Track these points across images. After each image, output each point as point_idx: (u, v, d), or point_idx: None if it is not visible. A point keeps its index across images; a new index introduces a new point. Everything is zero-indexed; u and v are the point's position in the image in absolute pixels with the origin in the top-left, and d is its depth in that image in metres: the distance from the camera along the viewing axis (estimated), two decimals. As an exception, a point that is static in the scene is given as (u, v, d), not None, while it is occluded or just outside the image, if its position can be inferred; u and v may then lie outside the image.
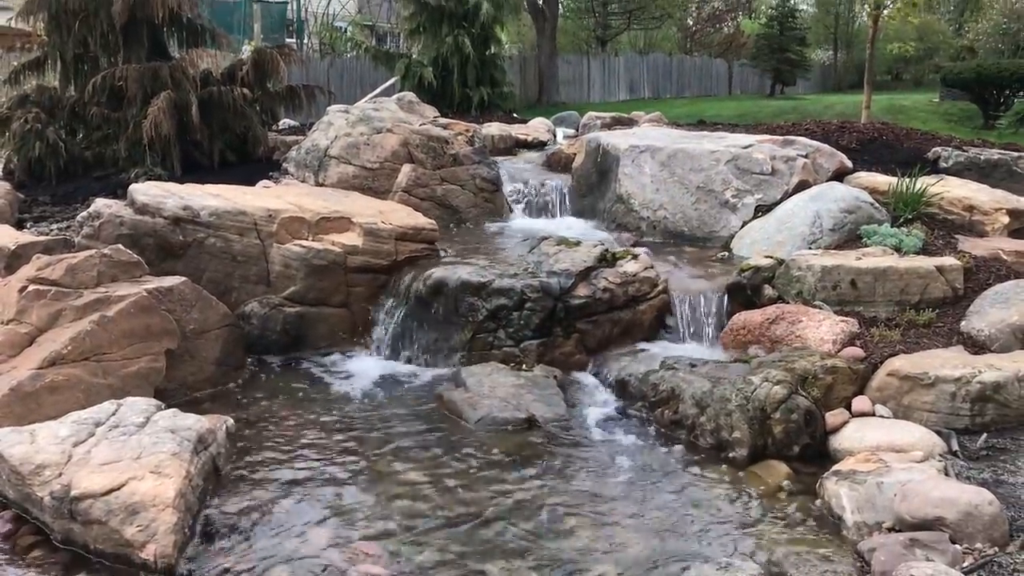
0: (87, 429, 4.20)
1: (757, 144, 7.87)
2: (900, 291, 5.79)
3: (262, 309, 6.15)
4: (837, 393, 4.90)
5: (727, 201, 7.42)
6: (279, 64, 9.59)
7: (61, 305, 5.20)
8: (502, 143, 10.03)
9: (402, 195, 7.97)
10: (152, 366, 5.27)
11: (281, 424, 5.08)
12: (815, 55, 36.88)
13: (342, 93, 16.16)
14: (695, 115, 17.02)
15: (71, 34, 9.03)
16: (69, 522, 3.76)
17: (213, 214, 6.22)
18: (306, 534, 3.89)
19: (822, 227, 6.69)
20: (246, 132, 9.35)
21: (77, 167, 9.00)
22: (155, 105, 8.43)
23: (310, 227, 6.41)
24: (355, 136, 8.44)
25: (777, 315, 5.65)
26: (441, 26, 14.10)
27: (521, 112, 15.54)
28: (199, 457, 4.19)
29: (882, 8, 11.30)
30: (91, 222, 6.24)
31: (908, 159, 8.26)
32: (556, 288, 5.86)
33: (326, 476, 4.43)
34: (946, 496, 3.70)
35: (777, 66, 29.01)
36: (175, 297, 5.53)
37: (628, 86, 29.21)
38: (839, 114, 18.39)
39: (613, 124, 10.87)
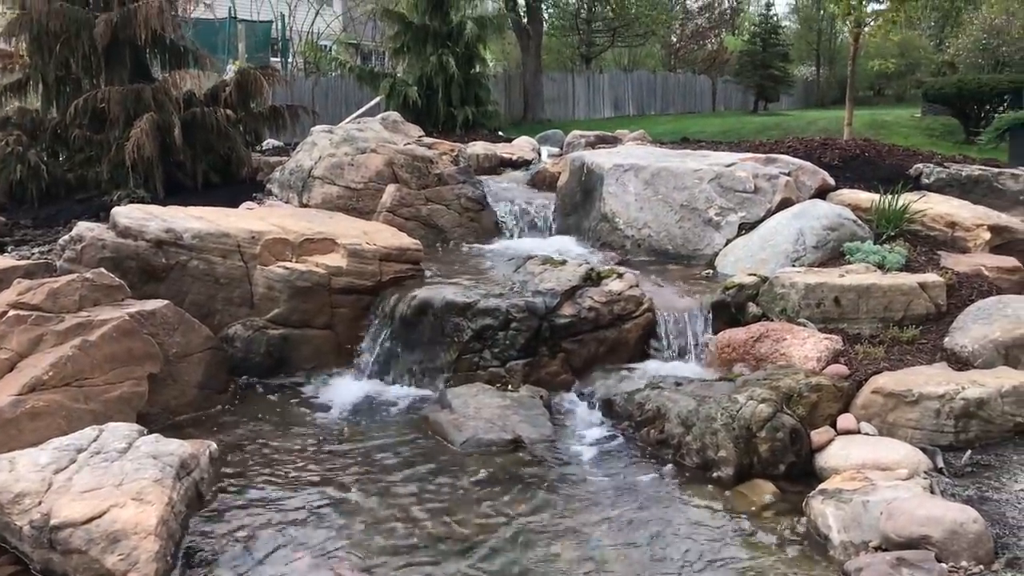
0: (68, 456, 4.16)
1: (740, 162, 7.91)
2: (884, 308, 5.81)
3: (246, 331, 6.11)
4: (822, 411, 4.90)
5: (711, 219, 7.44)
6: (262, 85, 9.60)
7: (42, 330, 5.16)
8: (487, 162, 10.04)
9: (387, 215, 7.97)
10: (134, 391, 5.22)
11: (265, 448, 5.04)
12: (798, 71, 37.21)
13: (327, 112, 16.17)
14: (679, 132, 17.11)
15: (53, 56, 9.02)
16: (49, 552, 3.72)
17: (196, 236, 6.20)
18: (290, 559, 3.85)
19: (805, 244, 6.71)
20: (230, 153, 9.34)
21: (59, 190, 8.96)
22: (138, 127, 8.41)
23: (294, 248, 6.39)
24: (339, 156, 8.44)
25: (761, 333, 5.66)
26: (425, 45, 14.14)
27: (506, 130, 15.59)
28: (182, 483, 4.15)
29: (863, 25, 11.40)
30: (73, 245, 6.20)
31: (890, 176, 8.31)
32: (541, 307, 5.85)
33: (310, 500, 4.39)
34: (931, 514, 3.70)
35: (760, 82, 29.28)
36: (157, 320, 5.50)
37: (613, 103, 29.38)
38: (822, 130, 18.53)
39: (597, 142, 10.91)
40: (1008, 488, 4.25)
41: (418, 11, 14.50)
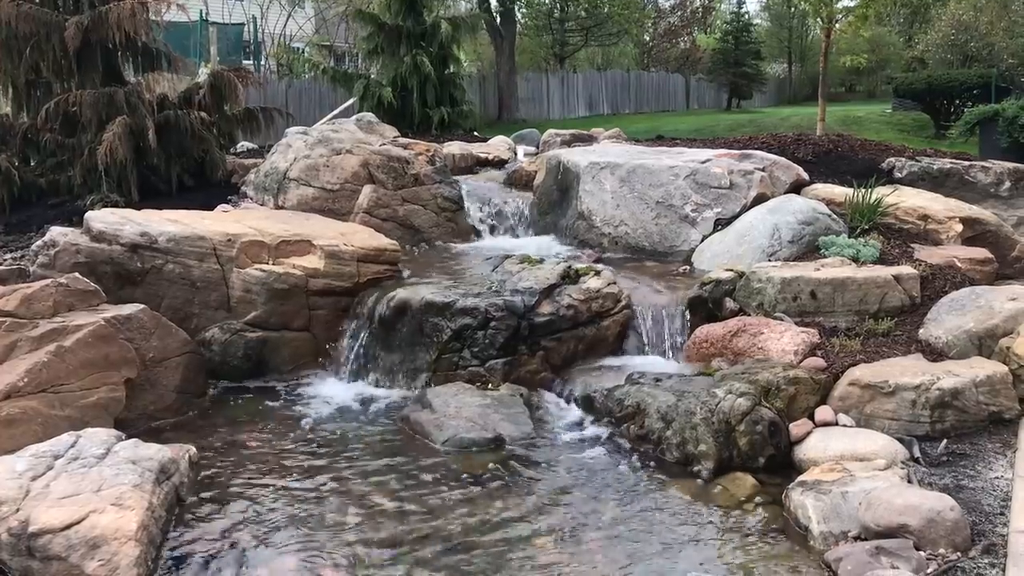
0: (45, 462, 4.12)
1: (715, 159, 7.96)
2: (859, 301, 5.87)
3: (223, 335, 6.08)
4: (800, 404, 4.94)
5: (687, 215, 7.49)
6: (237, 87, 9.53)
7: (16, 336, 5.11)
8: (463, 162, 10.03)
9: (363, 216, 7.94)
10: (112, 396, 5.18)
11: (245, 451, 5.02)
12: (770, 68, 37.50)
13: (300, 114, 16.09)
14: (654, 130, 17.19)
15: (23, 59, 8.91)
16: (27, 559, 3.67)
17: (171, 240, 6.15)
18: (271, 562, 3.84)
19: (781, 239, 6.77)
20: (204, 156, 9.27)
21: (31, 195, 8.86)
22: (111, 131, 8.33)
23: (270, 251, 6.36)
24: (314, 158, 8.40)
25: (739, 327, 5.70)
26: (399, 46, 14.10)
27: (481, 130, 15.58)
28: (161, 488, 4.12)
29: (834, 22, 11.50)
30: (47, 251, 6.14)
31: (863, 170, 8.40)
32: (520, 306, 5.86)
33: (291, 502, 4.38)
34: (909, 503, 3.75)
35: (733, 80, 29.49)
36: (134, 325, 5.46)
37: (587, 103, 29.46)
38: (795, 126, 18.69)
39: (573, 141, 10.93)
40: (983, 476, 4.31)
41: (391, 12, 14.47)
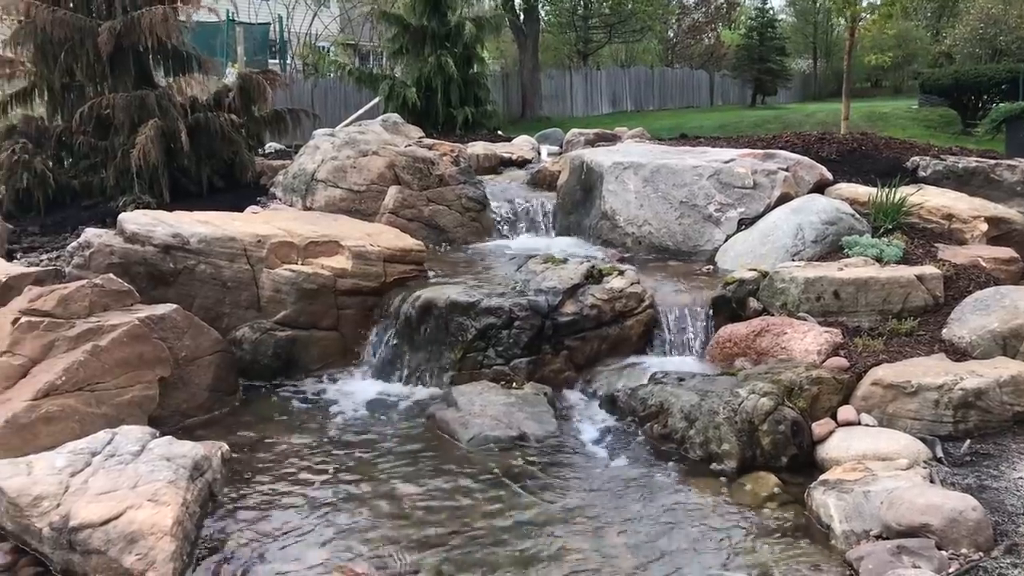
0: (83, 459, 4.24)
1: (739, 158, 7.99)
2: (882, 301, 5.89)
3: (253, 334, 6.19)
4: (823, 403, 4.98)
5: (710, 215, 7.52)
6: (265, 89, 9.67)
7: (54, 336, 5.24)
8: (487, 162, 10.11)
9: (389, 217, 8.04)
10: (145, 394, 5.30)
11: (275, 448, 5.13)
12: (795, 64, 37.24)
13: (326, 114, 16.24)
14: (677, 128, 17.19)
15: (57, 64, 9.09)
16: (68, 552, 3.80)
17: (203, 241, 6.28)
18: (302, 557, 3.93)
19: (804, 239, 6.79)
20: (233, 158, 9.40)
21: (65, 196, 9.03)
22: (143, 134, 8.48)
23: (299, 251, 6.47)
24: (341, 159, 8.52)
25: (762, 327, 5.74)
26: (424, 47, 14.20)
27: (504, 128, 15.66)
28: (195, 484, 4.23)
29: (858, 20, 11.45)
30: (81, 252, 6.28)
31: (887, 169, 8.38)
32: (544, 306, 5.93)
33: (320, 499, 4.48)
34: (931, 503, 3.78)
35: (758, 76, 29.35)
36: (167, 325, 5.58)
37: (611, 99, 29.45)
38: (820, 123, 18.60)
39: (596, 140, 10.97)
40: (1007, 476, 4.33)
41: (416, 13, 14.56)
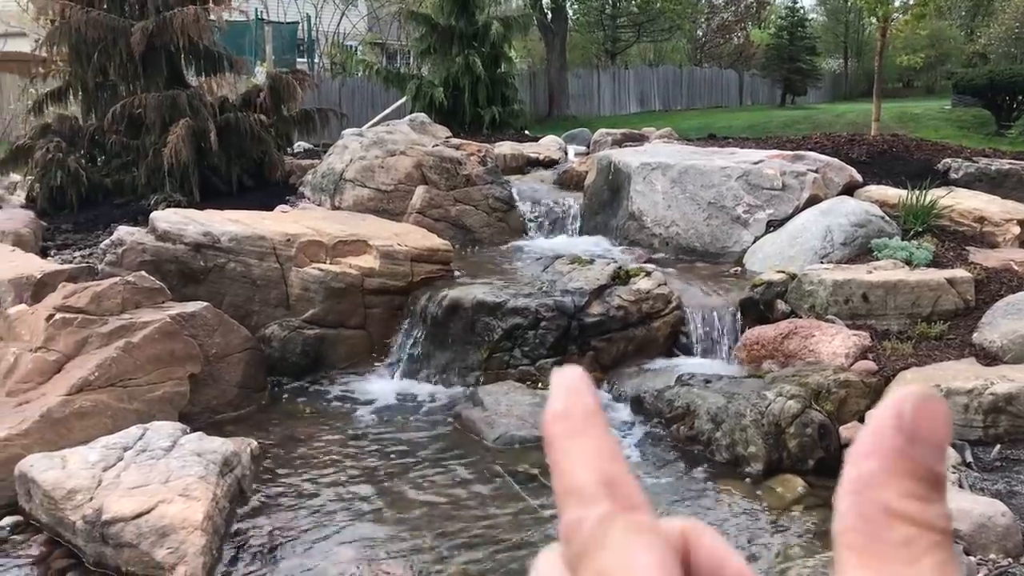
0: (116, 454, 4.31)
1: (767, 160, 7.95)
2: (911, 304, 5.84)
3: (282, 332, 6.26)
4: (850, 407, 4.95)
5: (739, 217, 7.49)
6: (295, 89, 9.76)
7: (87, 332, 5.32)
8: (514, 162, 10.13)
9: (416, 216, 8.09)
10: (176, 390, 5.38)
11: (303, 445, 5.18)
12: (825, 64, 36.90)
13: (353, 113, 16.33)
14: (706, 127, 17.11)
15: (91, 63, 9.23)
16: (101, 545, 3.86)
17: (233, 239, 6.35)
18: (330, 554, 3.97)
19: (833, 241, 6.75)
20: (263, 157, 9.50)
21: (98, 194, 9.17)
22: (174, 133, 8.60)
23: (328, 250, 6.53)
24: (370, 159, 8.57)
25: (790, 330, 5.72)
26: (451, 46, 14.25)
27: (531, 127, 15.66)
28: (225, 480, 4.28)
29: (890, 20, 11.35)
30: (114, 249, 6.38)
31: (918, 171, 8.31)
32: (570, 306, 5.94)
33: (348, 496, 4.52)
34: (960, 508, 3.75)
35: (787, 76, 29.10)
36: (198, 322, 5.65)
37: (639, 99, 29.34)
38: (850, 123, 18.44)
39: (624, 141, 10.96)
40: (1037, 482, 4.29)
41: (443, 12, 14.61)
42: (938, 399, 0.31)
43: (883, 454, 0.30)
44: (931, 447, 0.30)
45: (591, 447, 0.33)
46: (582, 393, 0.34)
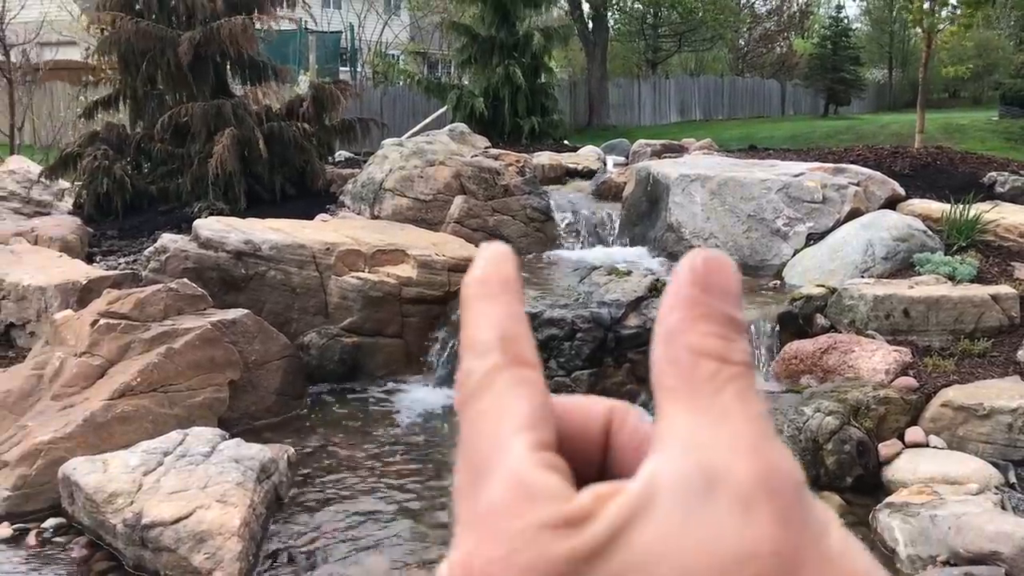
0: (156, 458, 4.39)
1: (808, 172, 7.87)
2: (954, 320, 5.75)
3: (320, 339, 6.32)
4: (890, 424, 4.88)
5: (778, 230, 7.43)
6: (338, 99, 9.86)
7: (130, 338, 5.43)
8: (552, 172, 10.13)
9: (454, 226, 8.13)
10: (216, 396, 5.46)
11: (340, 453, 5.23)
12: (869, 74, 36.46)
13: (394, 122, 16.46)
14: (747, 138, 16.99)
15: (139, 72, 9.42)
16: (140, 549, 3.94)
17: (274, 248, 6.44)
18: (365, 561, 4.01)
19: (874, 255, 6.67)
20: (305, 166, 9.61)
21: (143, 201, 9.33)
22: (220, 142, 8.74)
23: (366, 259, 6.59)
24: (409, 169, 8.64)
25: (829, 345, 5.65)
26: (492, 57, 14.30)
27: (571, 137, 15.66)
28: (262, 486, 4.34)
29: (936, 31, 11.18)
30: (158, 256, 6.50)
31: (963, 184, 8.17)
32: (607, 318, 5.94)
33: (384, 504, 4.55)
34: (1002, 530, 3.69)
35: (831, 86, 28.79)
36: (238, 329, 5.73)
37: (679, 108, 29.23)
38: (894, 134, 18.19)
39: (663, 152, 10.91)
40: (1082, 505, 4.19)
41: (484, 23, 14.68)
42: (723, 255, 0.35)
43: (683, 305, 0.33)
44: (723, 295, 0.33)
45: (499, 310, 0.35)
46: (502, 264, 0.37)
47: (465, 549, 0.31)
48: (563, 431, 0.35)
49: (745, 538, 0.29)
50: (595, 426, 0.38)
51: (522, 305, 0.36)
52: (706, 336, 0.33)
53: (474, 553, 0.31)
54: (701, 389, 0.32)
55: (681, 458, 0.31)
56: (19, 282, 6.36)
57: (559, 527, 0.30)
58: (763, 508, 0.30)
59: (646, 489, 0.31)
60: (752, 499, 0.30)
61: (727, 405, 0.32)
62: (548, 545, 0.30)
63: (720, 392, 0.32)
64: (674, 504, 0.30)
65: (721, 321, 0.33)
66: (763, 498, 0.30)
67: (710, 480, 0.30)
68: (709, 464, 0.30)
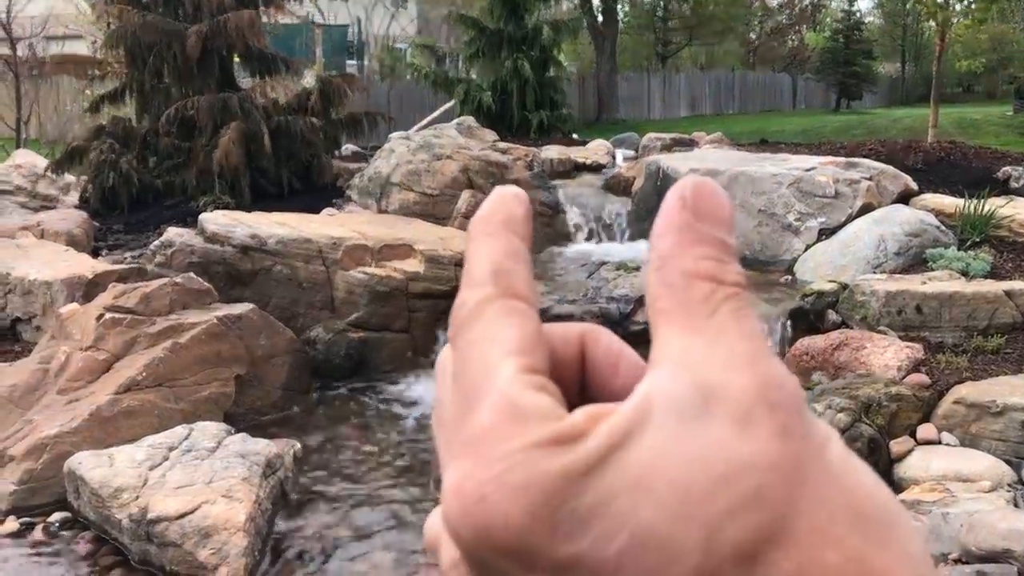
0: (161, 453, 4.37)
1: (820, 167, 7.80)
2: (967, 316, 5.68)
3: (327, 334, 6.29)
4: (902, 421, 4.82)
5: (789, 224, 7.36)
6: (344, 92, 9.83)
7: (136, 332, 5.41)
8: (561, 166, 10.07)
9: (462, 221, 8.08)
10: (222, 391, 5.44)
11: (346, 448, 5.20)
12: (882, 68, 36.23)
13: (402, 116, 16.41)
14: (758, 132, 16.87)
15: (146, 66, 9.40)
16: (146, 544, 3.92)
17: (280, 242, 6.41)
18: (371, 557, 3.98)
19: (887, 251, 6.60)
20: (311, 160, 9.58)
21: (149, 195, 9.31)
22: (225, 135, 8.71)
23: (373, 254, 6.56)
24: (416, 163, 8.59)
25: (841, 341, 5.59)
26: (500, 50, 14.23)
27: (580, 131, 15.58)
28: (268, 481, 4.31)
29: (949, 24, 11.06)
30: (163, 250, 6.47)
31: (977, 179, 8.08)
32: (615, 314, 5.89)
33: (390, 500, 4.52)
34: (1015, 528, 3.63)
35: (842, 80, 28.63)
36: (244, 324, 5.70)
37: (689, 103, 29.11)
38: (907, 128, 18.06)
39: (673, 146, 10.83)
40: (1098, 504, 4.13)
41: (492, 16, 14.61)
42: (712, 182, 0.34)
43: (675, 230, 0.33)
44: (714, 219, 0.33)
45: (497, 246, 0.35)
46: (508, 203, 0.37)
47: (457, 474, 0.31)
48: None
49: (743, 451, 0.29)
50: (572, 350, 0.38)
51: (525, 244, 0.36)
52: (699, 260, 0.33)
53: (466, 476, 0.30)
54: (696, 310, 0.32)
55: (676, 376, 0.31)
56: (25, 276, 6.34)
57: (551, 445, 0.30)
58: (763, 422, 0.29)
59: (640, 407, 0.30)
60: (751, 413, 0.29)
61: (722, 324, 0.31)
62: (540, 463, 0.29)
63: (715, 312, 0.32)
64: (669, 421, 0.30)
65: (714, 244, 0.33)
66: (763, 412, 0.29)
67: (706, 396, 0.30)
68: (704, 381, 0.30)
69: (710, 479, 0.29)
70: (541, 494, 0.29)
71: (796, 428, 0.30)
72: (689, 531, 0.28)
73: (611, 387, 0.37)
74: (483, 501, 0.30)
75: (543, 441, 0.30)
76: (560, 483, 0.29)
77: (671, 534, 0.28)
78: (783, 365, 0.31)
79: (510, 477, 0.29)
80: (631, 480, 0.29)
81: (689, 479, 0.29)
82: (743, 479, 0.29)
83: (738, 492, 0.28)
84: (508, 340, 0.33)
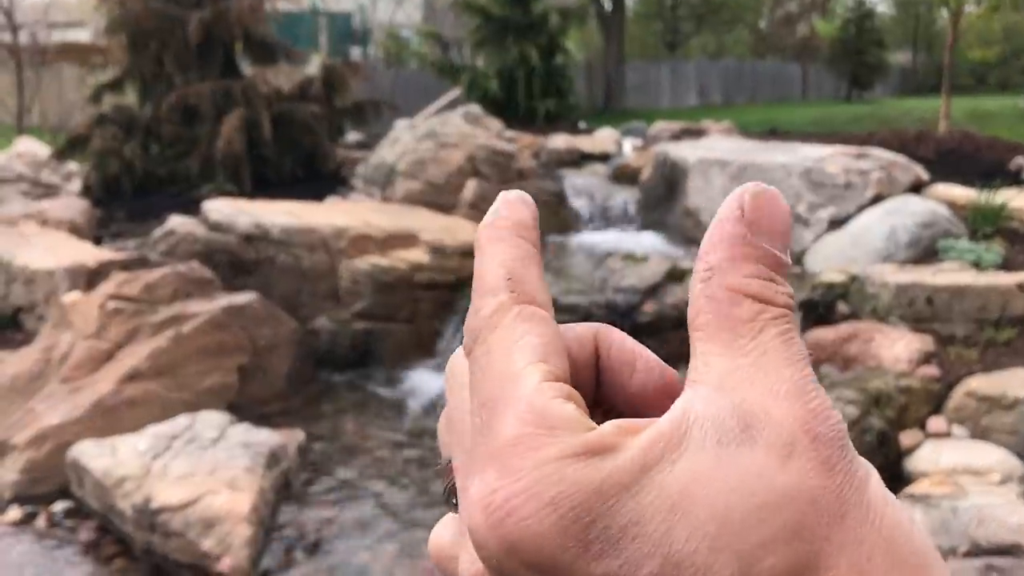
0: (164, 443, 4.34)
1: (830, 157, 7.72)
2: (978, 308, 5.61)
3: (331, 324, 6.26)
4: (912, 413, 4.77)
5: (799, 215, 7.29)
6: (348, 80, 9.76)
7: (139, 321, 5.38)
8: (568, 156, 10.01)
9: (467, 210, 8.02)
10: (224, 381, 5.40)
11: (350, 438, 5.17)
12: (894, 57, 35.97)
13: (407, 104, 16.30)
14: (768, 122, 16.74)
15: (147, 53, 9.34)
16: (149, 533, 3.89)
17: (284, 231, 6.36)
18: (375, 548, 3.95)
19: (897, 242, 6.52)
20: (315, 148, 9.53)
21: (151, 183, 9.25)
22: (228, 123, 8.66)
23: (378, 244, 6.51)
24: (421, 152, 8.53)
25: (850, 333, 5.53)
26: (506, 38, 14.14)
27: (587, 119, 15.50)
28: (271, 472, 4.29)
29: (961, 13, 10.93)
30: (166, 239, 6.44)
31: (989, 170, 7.99)
32: (623, 305, 5.84)
33: (394, 491, 4.49)
34: (1026, 524, 3.58)
35: (853, 69, 28.42)
36: (247, 313, 5.67)
37: (698, 92, 28.96)
38: (918, 119, 17.90)
39: (681, 135, 10.77)
40: (1111, 500, 4.07)
41: (498, 3, 14.51)
42: (775, 191, 0.33)
43: (727, 243, 0.32)
44: (771, 234, 0.32)
45: (508, 252, 0.35)
46: (515, 208, 0.36)
47: (484, 486, 0.30)
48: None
49: (784, 483, 0.28)
50: (587, 351, 0.37)
51: (535, 248, 0.35)
52: (750, 277, 0.32)
53: (495, 489, 0.29)
54: (741, 330, 0.31)
55: (716, 398, 0.30)
56: (27, 265, 6.31)
57: (582, 457, 0.29)
58: (805, 454, 0.29)
59: (677, 426, 0.29)
60: (793, 444, 0.29)
61: (767, 347, 0.31)
62: (572, 475, 0.28)
63: (760, 334, 0.31)
64: (707, 445, 0.29)
65: (767, 262, 0.32)
66: (805, 444, 0.29)
67: (747, 422, 0.29)
68: (745, 406, 0.29)
69: (748, 509, 0.28)
70: (573, 509, 0.28)
71: (838, 462, 0.29)
72: (725, 561, 0.28)
73: (628, 389, 0.36)
74: (512, 514, 0.29)
75: (574, 452, 0.29)
76: (593, 498, 0.28)
77: (707, 563, 0.28)
78: (827, 396, 0.30)
79: (540, 489, 0.29)
80: (667, 503, 0.28)
81: (727, 508, 0.28)
82: (782, 511, 0.28)
83: (776, 524, 0.28)
84: (529, 347, 0.32)
